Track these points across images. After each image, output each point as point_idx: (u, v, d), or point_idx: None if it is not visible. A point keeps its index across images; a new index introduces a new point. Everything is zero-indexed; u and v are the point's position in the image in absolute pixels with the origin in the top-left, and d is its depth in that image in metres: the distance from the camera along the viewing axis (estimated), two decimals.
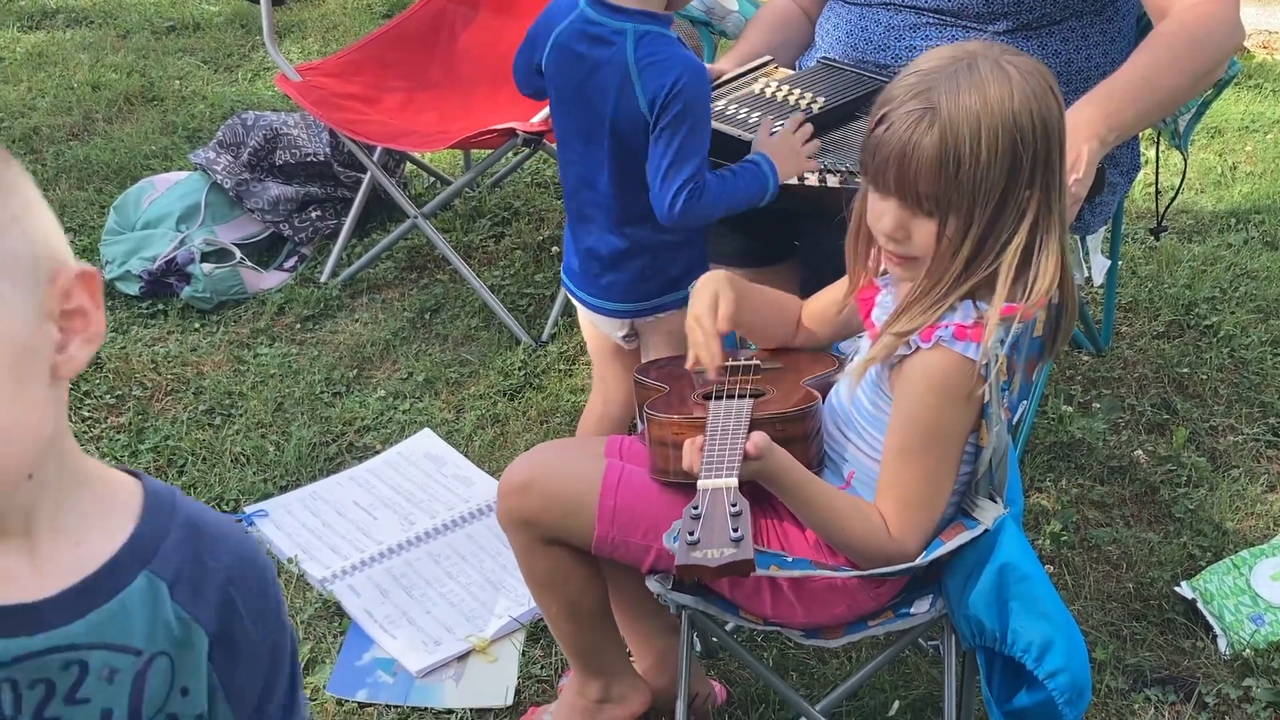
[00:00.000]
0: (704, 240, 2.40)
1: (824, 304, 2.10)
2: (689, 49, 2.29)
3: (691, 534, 1.61)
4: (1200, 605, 2.50)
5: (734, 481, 1.68)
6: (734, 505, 1.64)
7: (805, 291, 2.19)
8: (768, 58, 2.63)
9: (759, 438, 1.75)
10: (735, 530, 1.60)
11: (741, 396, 1.90)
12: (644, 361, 2.34)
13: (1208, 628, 2.48)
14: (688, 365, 2.01)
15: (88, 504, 1.05)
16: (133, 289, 3.64)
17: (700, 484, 1.68)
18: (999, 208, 1.74)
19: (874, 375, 1.87)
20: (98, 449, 3.05)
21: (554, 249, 3.85)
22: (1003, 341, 1.77)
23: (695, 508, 1.65)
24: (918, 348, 1.78)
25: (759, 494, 1.84)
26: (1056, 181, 1.77)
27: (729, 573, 1.59)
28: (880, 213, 1.80)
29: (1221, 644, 2.44)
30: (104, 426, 3.14)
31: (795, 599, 1.93)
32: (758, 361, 2.05)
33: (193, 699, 1.10)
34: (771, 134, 2.33)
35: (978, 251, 1.75)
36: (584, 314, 2.51)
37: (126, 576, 1.05)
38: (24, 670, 1.03)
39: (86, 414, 3.18)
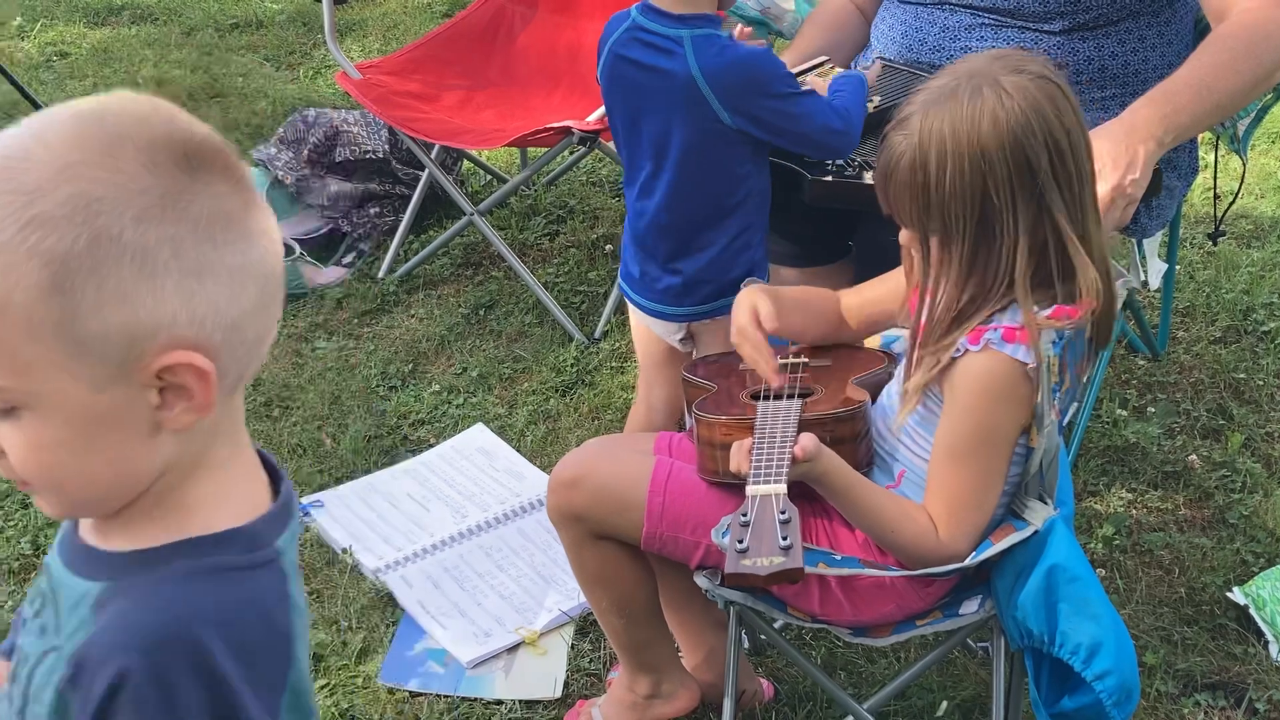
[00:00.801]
0: (764, 242, 2.41)
1: (871, 298, 2.11)
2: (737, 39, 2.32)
3: (741, 542, 1.62)
4: (1252, 611, 2.48)
5: (782, 488, 1.68)
6: (783, 513, 1.64)
7: None
8: (824, 58, 2.64)
9: (807, 441, 1.76)
10: (784, 538, 1.60)
11: (790, 396, 1.91)
12: (691, 360, 2.34)
13: (1259, 634, 2.46)
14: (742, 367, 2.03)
15: (166, 523, 1.08)
16: None
17: (749, 490, 1.69)
18: (981, 232, 1.75)
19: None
20: None
21: (608, 247, 3.87)
22: (1054, 343, 1.77)
23: (744, 515, 1.65)
24: (966, 350, 1.79)
25: (808, 492, 1.85)
26: (1061, 196, 1.75)
27: (778, 581, 1.60)
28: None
29: (1273, 650, 2.43)
30: None
31: (843, 597, 1.93)
32: (806, 359, 2.06)
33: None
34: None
35: (974, 274, 1.77)
36: (638, 318, 2.52)
37: (94, 574, 1.08)
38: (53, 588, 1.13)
39: None
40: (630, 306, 2.53)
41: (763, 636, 2.33)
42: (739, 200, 2.34)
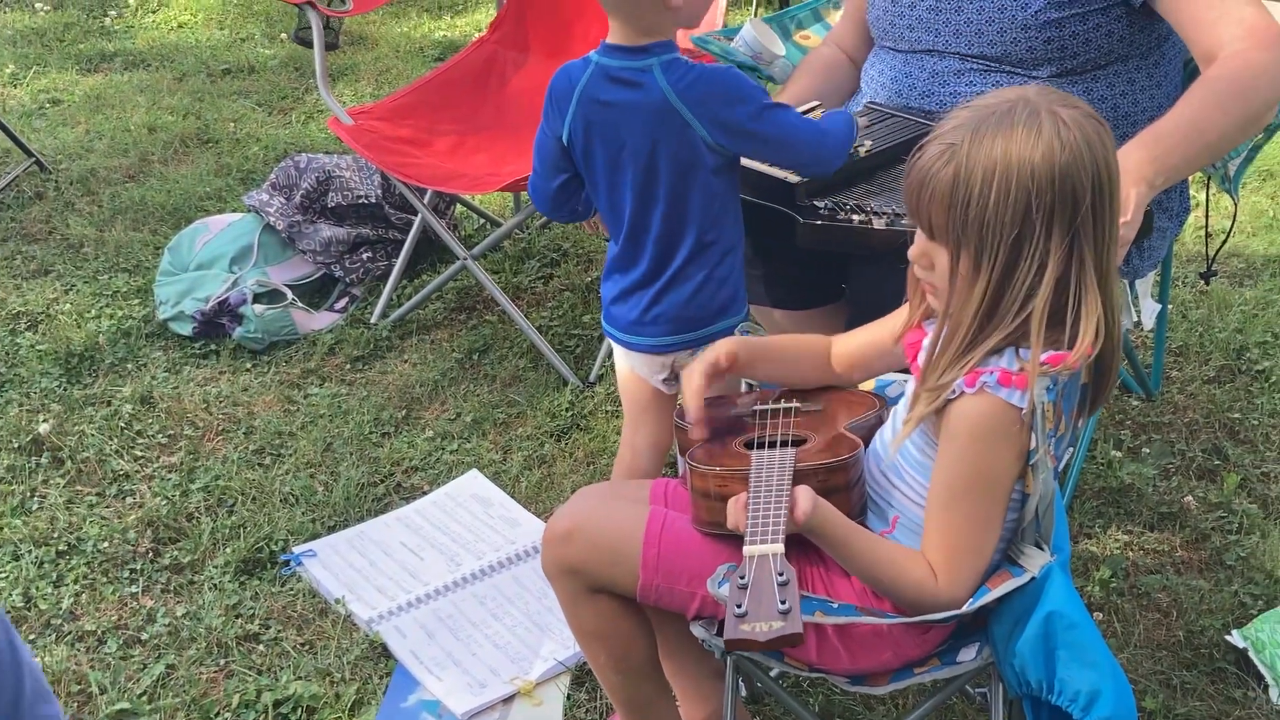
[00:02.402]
0: (743, 270, 2.42)
1: (862, 344, 2.10)
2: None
3: (739, 605, 1.60)
4: (1252, 654, 2.47)
5: (780, 547, 1.66)
6: (781, 574, 1.62)
7: None
8: (815, 103, 2.64)
9: (803, 500, 1.74)
10: (783, 602, 1.59)
11: (783, 444, 1.90)
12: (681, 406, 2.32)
13: (1259, 677, 2.45)
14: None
15: None
16: (185, 329, 3.69)
17: (746, 549, 1.67)
18: (1013, 253, 1.74)
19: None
20: (149, 488, 3.08)
21: None
22: (1049, 390, 1.77)
23: (742, 577, 1.64)
24: (962, 393, 1.78)
25: (805, 539, 1.84)
26: (1093, 235, 1.76)
27: (778, 646, 1.58)
28: (914, 236, 1.83)
29: (1273, 694, 2.41)
30: (156, 466, 3.17)
31: (841, 645, 1.92)
32: (796, 404, 2.05)
33: None
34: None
35: (997, 298, 1.76)
36: (623, 360, 2.51)
37: None
38: None
39: (139, 453, 3.21)
40: (616, 350, 2.52)
41: (760, 685, 2.31)
42: (719, 224, 2.35)
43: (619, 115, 2.30)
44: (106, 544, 2.90)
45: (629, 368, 2.51)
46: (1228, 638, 2.53)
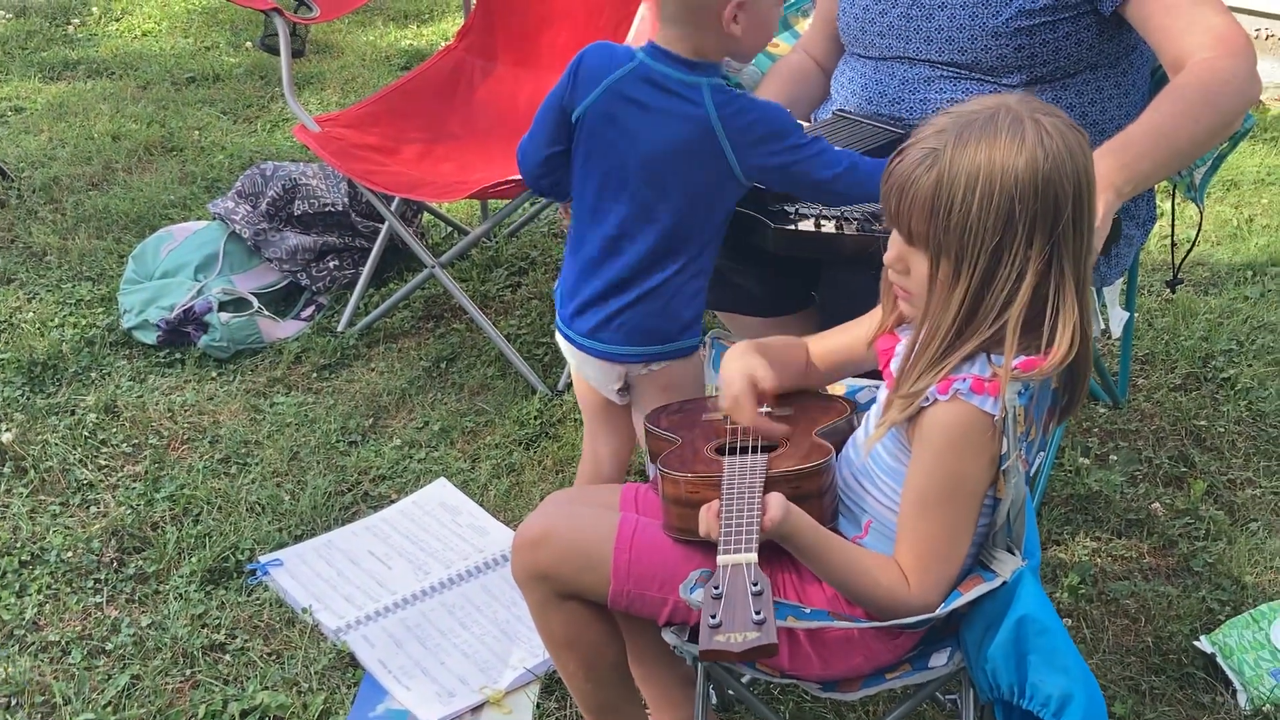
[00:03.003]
0: (708, 287, 2.41)
1: (838, 346, 2.10)
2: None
3: (713, 616, 1.59)
4: (1220, 660, 2.48)
5: (753, 556, 1.66)
6: (755, 584, 1.62)
7: None
8: None
9: (774, 508, 1.74)
10: (757, 612, 1.58)
11: (754, 450, 1.90)
12: (652, 409, 2.29)
13: (1227, 683, 2.46)
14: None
15: None
16: (150, 338, 3.66)
17: (720, 559, 1.66)
18: (993, 261, 1.74)
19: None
20: (114, 497, 3.05)
21: None
22: (1020, 394, 1.77)
23: (716, 587, 1.63)
24: (935, 400, 1.78)
25: (777, 545, 1.83)
26: (1072, 244, 1.76)
27: (752, 657, 1.57)
28: (889, 241, 1.83)
29: (1241, 699, 2.42)
30: (121, 475, 3.14)
31: (812, 650, 1.91)
32: (768, 409, 2.04)
33: None
34: None
35: (976, 304, 1.76)
36: (578, 367, 2.48)
37: None
38: None
39: (104, 462, 3.18)
40: (568, 356, 2.48)
41: (731, 692, 2.30)
42: (706, 245, 2.33)
43: (650, 120, 2.24)
44: (70, 554, 2.87)
45: (583, 376, 2.49)
46: (1196, 643, 2.54)
